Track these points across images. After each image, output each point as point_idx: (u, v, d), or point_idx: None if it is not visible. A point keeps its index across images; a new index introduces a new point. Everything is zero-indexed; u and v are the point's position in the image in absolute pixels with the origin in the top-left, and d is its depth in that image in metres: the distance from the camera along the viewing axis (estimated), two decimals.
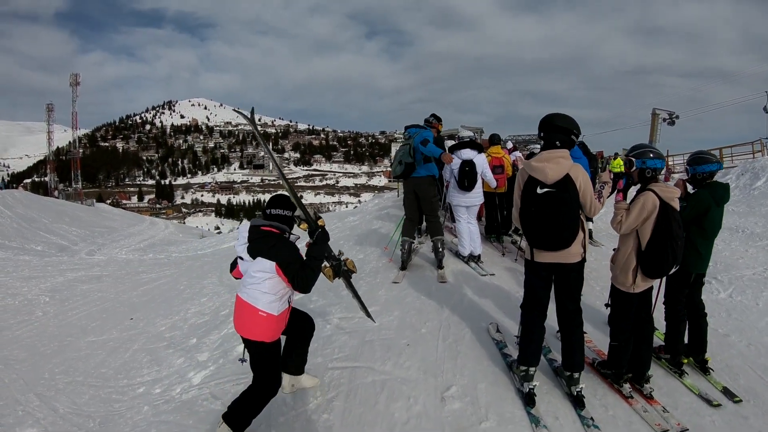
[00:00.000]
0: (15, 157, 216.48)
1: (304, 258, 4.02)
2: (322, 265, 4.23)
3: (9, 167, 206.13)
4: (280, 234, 4.05)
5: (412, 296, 6.48)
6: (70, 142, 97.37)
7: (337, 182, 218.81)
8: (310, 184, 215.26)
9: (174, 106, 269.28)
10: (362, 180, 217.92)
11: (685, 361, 4.86)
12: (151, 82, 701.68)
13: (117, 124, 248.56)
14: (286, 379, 4.50)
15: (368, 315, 5.27)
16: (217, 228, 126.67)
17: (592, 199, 4.19)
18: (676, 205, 4.25)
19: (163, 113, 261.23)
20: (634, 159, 4.39)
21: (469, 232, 7.84)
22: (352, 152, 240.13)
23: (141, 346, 6.87)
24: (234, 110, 5.07)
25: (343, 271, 4.56)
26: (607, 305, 4.69)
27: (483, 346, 5.21)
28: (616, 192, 4.56)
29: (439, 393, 4.45)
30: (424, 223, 8.11)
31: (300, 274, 3.89)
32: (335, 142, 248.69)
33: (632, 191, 4.48)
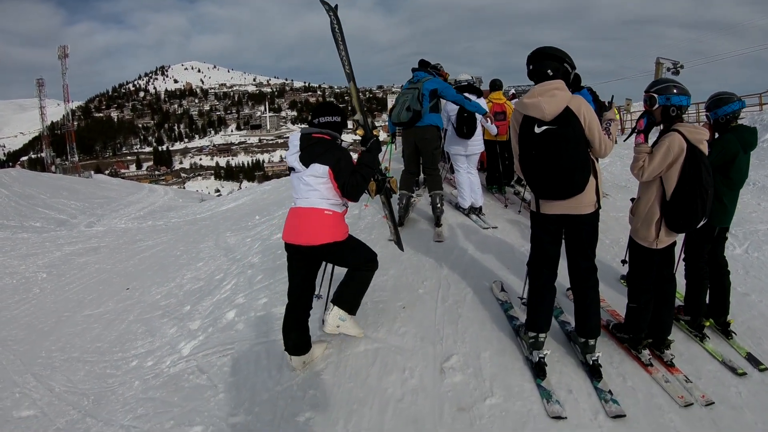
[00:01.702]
0: (10, 135, 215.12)
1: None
2: None
3: (4, 146, 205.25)
4: (332, 140, 4.00)
5: (408, 253, 5.97)
6: (63, 116, 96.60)
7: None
8: None
9: (167, 71, 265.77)
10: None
11: (707, 323, 4.43)
12: (142, 49, 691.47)
13: (110, 93, 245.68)
14: (295, 361, 4.15)
15: (399, 242, 5.22)
16: (218, 191, 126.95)
17: (601, 134, 3.62)
18: (705, 148, 3.73)
19: (156, 79, 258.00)
20: (656, 95, 3.83)
21: (469, 183, 7.37)
22: (349, 108, 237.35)
23: (136, 317, 6.71)
24: (320, 0, 4.73)
25: (386, 188, 4.52)
26: (623, 261, 4.27)
27: (486, 308, 4.76)
28: (636, 133, 3.97)
29: (438, 363, 4.03)
30: (422, 175, 7.51)
31: (351, 180, 3.85)
32: (332, 98, 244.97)
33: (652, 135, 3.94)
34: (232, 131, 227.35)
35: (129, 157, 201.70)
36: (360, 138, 4.26)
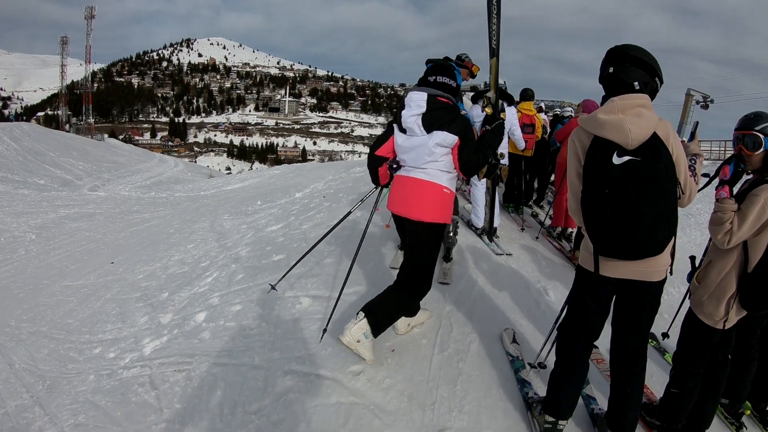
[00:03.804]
0: (29, 89, 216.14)
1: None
2: None
3: (23, 100, 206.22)
4: (455, 107, 3.58)
5: None
6: (84, 76, 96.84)
7: (352, 131, 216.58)
8: (325, 130, 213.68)
9: (192, 44, 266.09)
10: (377, 131, 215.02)
11: (747, 412, 3.69)
12: (171, 19, 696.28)
13: (133, 59, 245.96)
14: (401, 322, 3.82)
15: (490, 234, 4.95)
16: (228, 169, 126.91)
17: (687, 175, 2.72)
18: None
19: (181, 51, 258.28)
20: (762, 136, 2.93)
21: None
22: (369, 102, 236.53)
23: (113, 295, 6.32)
24: None
25: (496, 174, 4.35)
26: (665, 335, 3.60)
27: (493, 365, 3.79)
28: (719, 184, 3.05)
29: None
30: None
31: (474, 156, 3.49)
32: (353, 91, 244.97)
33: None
34: (249, 111, 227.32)
35: (144, 125, 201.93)
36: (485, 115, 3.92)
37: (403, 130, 3.60)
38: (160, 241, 9.05)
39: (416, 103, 3.51)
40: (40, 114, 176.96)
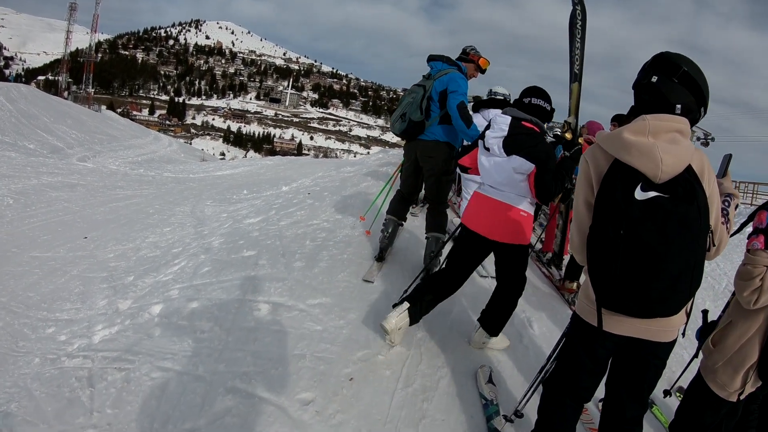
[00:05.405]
0: (32, 52, 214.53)
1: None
2: None
3: (25, 61, 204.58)
4: (540, 133, 3.63)
5: (380, 292, 4.43)
6: (89, 45, 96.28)
7: (350, 130, 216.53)
8: (323, 126, 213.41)
9: (201, 25, 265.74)
10: (375, 133, 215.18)
11: None
12: None
13: (140, 34, 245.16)
14: (397, 320, 3.56)
15: (559, 260, 5.10)
16: (222, 154, 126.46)
17: (719, 221, 2.27)
18: None
19: (189, 31, 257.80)
20: None
21: None
22: (370, 103, 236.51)
23: (80, 272, 6.10)
24: None
25: (570, 199, 4.47)
26: (667, 393, 3.25)
27: (464, 409, 3.30)
28: (752, 233, 2.57)
29: None
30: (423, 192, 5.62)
31: (550, 183, 3.46)
32: (356, 90, 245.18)
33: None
34: (250, 99, 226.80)
35: (144, 101, 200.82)
36: (566, 140, 3.92)
37: (486, 149, 3.67)
38: (137, 220, 8.83)
39: (499, 126, 3.58)
40: (41, 78, 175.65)
